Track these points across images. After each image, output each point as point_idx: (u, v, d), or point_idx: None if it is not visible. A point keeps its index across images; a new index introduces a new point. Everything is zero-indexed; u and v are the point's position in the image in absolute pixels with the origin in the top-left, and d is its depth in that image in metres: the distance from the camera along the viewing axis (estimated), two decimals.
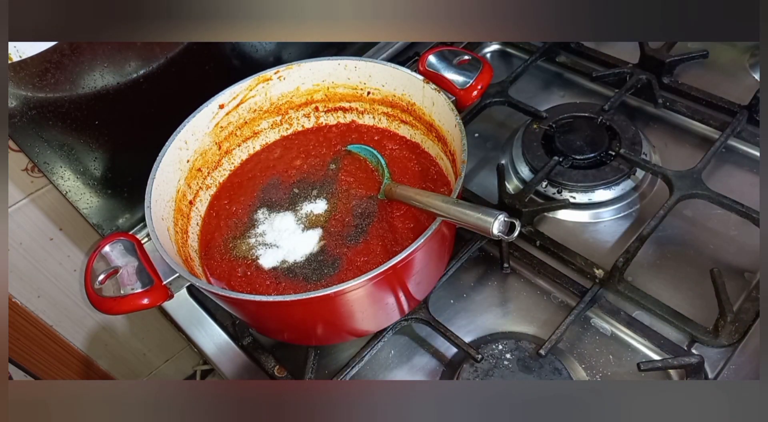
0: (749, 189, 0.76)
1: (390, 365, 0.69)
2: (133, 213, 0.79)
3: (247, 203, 0.74)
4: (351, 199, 0.71)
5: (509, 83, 0.91)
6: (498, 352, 0.65)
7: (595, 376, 0.64)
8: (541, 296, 0.72)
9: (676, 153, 0.83)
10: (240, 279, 0.66)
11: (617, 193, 0.78)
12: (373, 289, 0.56)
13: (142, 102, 0.72)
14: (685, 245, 0.73)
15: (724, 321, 0.61)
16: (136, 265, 0.58)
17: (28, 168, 0.76)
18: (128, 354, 1.09)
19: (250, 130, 0.78)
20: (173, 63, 0.72)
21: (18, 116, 0.62)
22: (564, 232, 0.76)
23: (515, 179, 0.84)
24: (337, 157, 0.77)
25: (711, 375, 0.61)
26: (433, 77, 0.71)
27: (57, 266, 0.88)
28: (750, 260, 0.70)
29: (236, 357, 0.71)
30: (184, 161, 0.70)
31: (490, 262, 0.76)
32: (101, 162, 0.72)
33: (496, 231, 0.50)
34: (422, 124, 0.74)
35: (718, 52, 0.92)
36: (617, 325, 0.67)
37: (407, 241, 0.65)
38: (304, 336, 0.66)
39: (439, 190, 0.70)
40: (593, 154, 0.81)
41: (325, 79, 0.77)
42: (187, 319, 0.75)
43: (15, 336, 0.89)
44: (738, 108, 0.82)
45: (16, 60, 0.58)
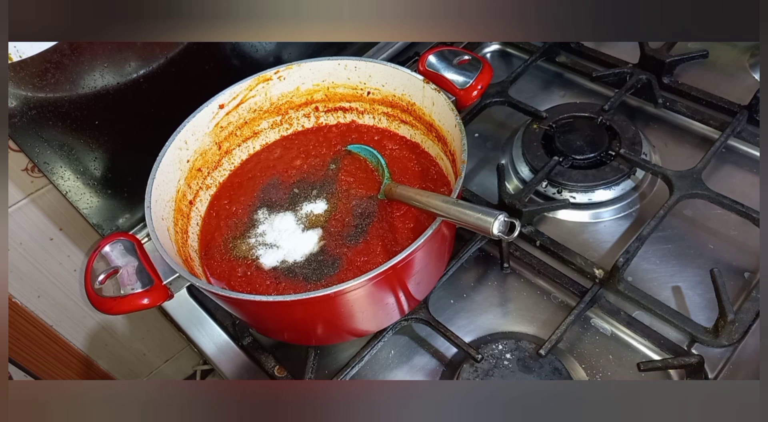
0: (749, 189, 0.76)
1: (390, 365, 0.69)
2: (133, 213, 0.79)
3: (247, 203, 0.74)
4: (351, 199, 0.71)
5: (509, 83, 0.91)
6: (498, 352, 0.65)
7: (595, 376, 0.64)
8: (541, 296, 0.72)
9: (676, 153, 0.83)
10: (240, 279, 0.66)
11: (617, 193, 0.78)
12: (373, 289, 0.56)
13: (142, 102, 0.72)
14: (685, 245, 0.73)
15: (724, 321, 0.61)
16: (136, 265, 0.59)
17: (28, 168, 0.76)
18: (128, 354, 1.09)
19: (250, 130, 0.78)
20: (173, 63, 0.72)
21: (18, 116, 0.62)
22: (564, 232, 0.76)
23: (515, 179, 0.84)
24: (337, 157, 0.77)
25: (711, 375, 0.61)
26: (433, 77, 0.71)
27: (57, 266, 0.88)
28: (750, 260, 0.70)
29: (236, 357, 0.71)
30: (184, 161, 0.70)
31: (490, 262, 0.76)
32: (101, 162, 0.72)
33: (496, 231, 0.50)
34: (422, 124, 0.74)
35: (718, 52, 0.92)
36: (617, 325, 0.67)
37: (407, 241, 0.65)
38: (304, 336, 0.66)
39: (439, 190, 0.70)
40: (593, 154, 0.81)
41: (325, 79, 0.77)
42: (187, 319, 0.75)
43: (15, 336, 0.89)
44: (738, 108, 0.82)
45: (16, 60, 0.58)
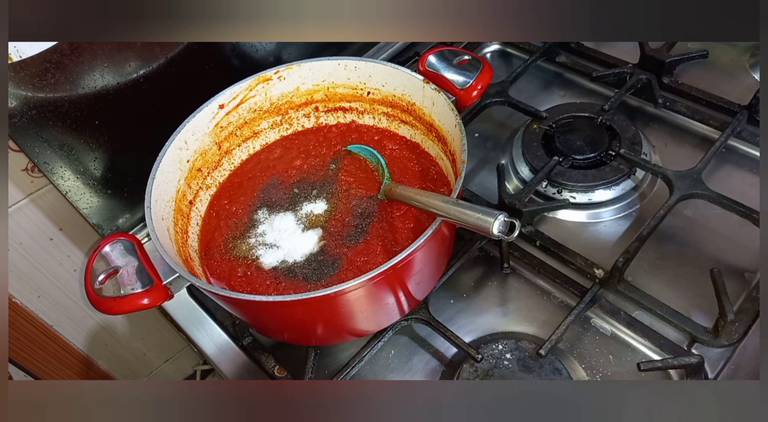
0: (749, 189, 0.76)
1: (390, 365, 0.69)
2: (133, 213, 0.79)
3: (247, 203, 0.74)
4: (351, 199, 0.71)
5: (509, 83, 0.91)
6: (498, 352, 0.65)
7: (595, 376, 0.64)
8: (541, 296, 0.72)
9: (676, 153, 0.83)
10: (240, 279, 0.66)
11: (617, 193, 0.78)
12: (373, 289, 0.56)
13: (142, 102, 0.72)
14: (685, 245, 0.73)
15: (724, 321, 0.61)
16: (136, 265, 0.59)
17: (28, 168, 0.76)
18: (128, 354, 1.09)
19: (250, 130, 0.78)
20: (173, 63, 0.72)
21: (18, 116, 0.62)
22: (564, 232, 0.76)
23: (515, 179, 0.84)
24: (337, 157, 0.77)
25: (711, 375, 0.61)
26: (433, 77, 0.71)
27: (57, 266, 0.88)
28: (750, 260, 0.70)
29: (236, 357, 0.71)
30: (184, 161, 0.70)
31: (490, 262, 0.76)
32: (101, 162, 0.72)
33: (496, 231, 0.50)
34: (422, 124, 0.74)
35: (718, 52, 0.92)
36: (617, 325, 0.67)
37: (407, 241, 0.65)
38: (304, 336, 0.66)
39: (439, 190, 0.70)
40: (593, 154, 0.81)
41: (325, 79, 0.77)
42: (187, 319, 0.75)
43: (15, 336, 0.89)
44: (738, 108, 0.82)
45: (16, 60, 0.58)
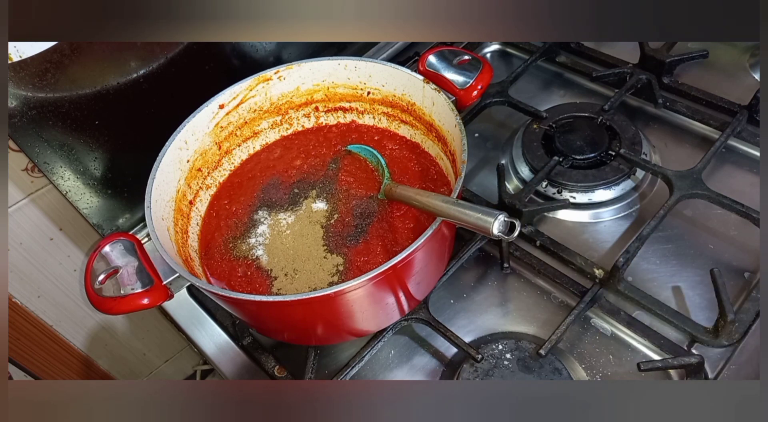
0: (749, 189, 0.76)
1: (390, 365, 0.69)
2: (133, 213, 0.79)
3: (247, 203, 0.74)
4: (351, 199, 0.71)
5: (509, 83, 0.91)
6: (498, 352, 0.65)
7: (595, 376, 0.64)
8: (541, 296, 0.72)
9: (676, 153, 0.83)
10: (240, 279, 0.66)
11: (617, 193, 0.78)
12: (373, 289, 0.56)
13: (142, 102, 0.72)
14: (685, 245, 0.73)
15: (724, 321, 0.61)
16: (136, 265, 0.58)
17: (28, 168, 0.76)
18: (128, 354, 1.09)
19: (250, 130, 0.78)
20: (173, 63, 0.72)
21: (18, 116, 0.62)
22: (564, 232, 0.76)
23: (515, 179, 0.84)
24: (337, 157, 0.77)
25: (711, 375, 0.61)
26: (433, 77, 0.71)
27: (57, 266, 0.88)
28: (750, 260, 0.70)
29: (236, 357, 0.71)
30: (184, 161, 0.70)
31: (490, 262, 0.76)
32: (101, 162, 0.72)
33: (496, 231, 0.50)
34: (422, 124, 0.74)
35: (718, 52, 0.92)
36: (617, 325, 0.67)
37: (407, 241, 0.65)
38: (304, 336, 0.66)
39: (439, 190, 0.70)
40: (593, 154, 0.81)
41: (325, 79, 0.77)
42: (187, 319, 0.75)
43: (15, 336, 0.89)
44: (738, 108, 0.82)
45: (16, 60, 0.58)
